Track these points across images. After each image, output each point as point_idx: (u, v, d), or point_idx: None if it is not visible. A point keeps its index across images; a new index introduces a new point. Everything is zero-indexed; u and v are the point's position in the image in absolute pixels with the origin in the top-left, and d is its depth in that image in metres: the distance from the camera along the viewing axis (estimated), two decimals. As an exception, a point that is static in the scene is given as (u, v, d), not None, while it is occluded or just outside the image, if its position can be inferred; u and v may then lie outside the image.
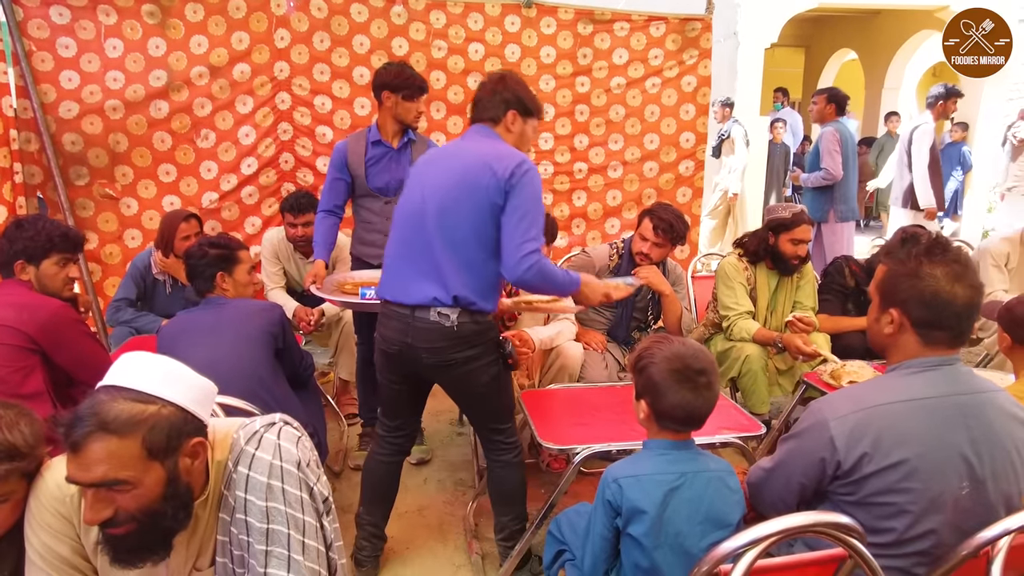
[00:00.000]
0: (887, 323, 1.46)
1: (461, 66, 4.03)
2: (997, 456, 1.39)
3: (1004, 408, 1.43)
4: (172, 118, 3.72)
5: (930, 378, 1.41)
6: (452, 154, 2.10)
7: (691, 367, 1.47)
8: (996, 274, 3.66)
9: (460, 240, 1.97)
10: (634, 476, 1.45)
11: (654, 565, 1.42)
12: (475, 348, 2.04)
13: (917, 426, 1.36)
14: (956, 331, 1.41)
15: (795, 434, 1.48)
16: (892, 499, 1.35)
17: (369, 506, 2.31)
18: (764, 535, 1.13)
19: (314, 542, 1.19)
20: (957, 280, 1.38)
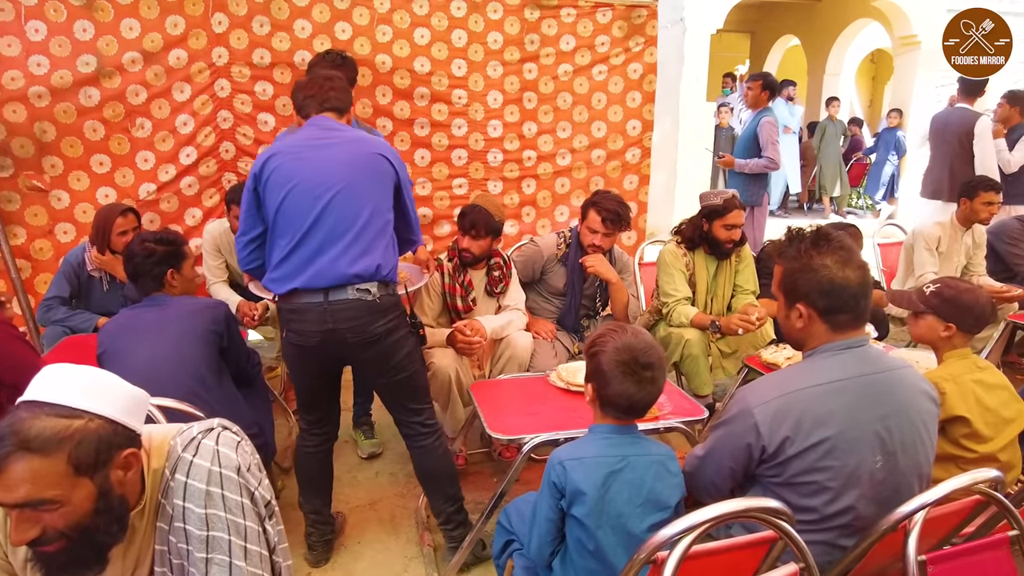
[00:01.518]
0: (796, 318, 1.55)
1: (407, 51, 3.97)
2: (906, 429, 1.49)
3: (911, 384, 1.55)
4: (104, 106, 3.56)
5: (842, 360, 1.50)
6: (333, 144, 2.14)
7: (638, 360, 1.51)
8: (928, 256, 3.82)
9: (371, 219, 2.07)
10: (578, 458, 1.49)
11: (597, 545, 1.46)
12: (393, 319, 2.12)
13: (833, 407, 1.45)
14: (856, 312, 1.51)
15: (723, 421, 1.55)
16: (814, 477, 1.43)
17: (307, 495, 2.36)
18: (699, 522, 1.16)
19: (257, 547, 1.18)
20: (846, 265, 1.49)
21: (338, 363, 2.20)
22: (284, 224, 2.06)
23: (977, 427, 1.93)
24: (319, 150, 2.09)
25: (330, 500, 2.39)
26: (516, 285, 3.03)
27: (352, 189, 2.05)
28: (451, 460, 2.35)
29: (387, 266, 2.10)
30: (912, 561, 1.34)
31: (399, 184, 2.19)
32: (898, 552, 1.38)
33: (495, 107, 4.14)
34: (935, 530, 1.53)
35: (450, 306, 2.86)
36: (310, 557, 2.36)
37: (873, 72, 13.63)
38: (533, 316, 3.13)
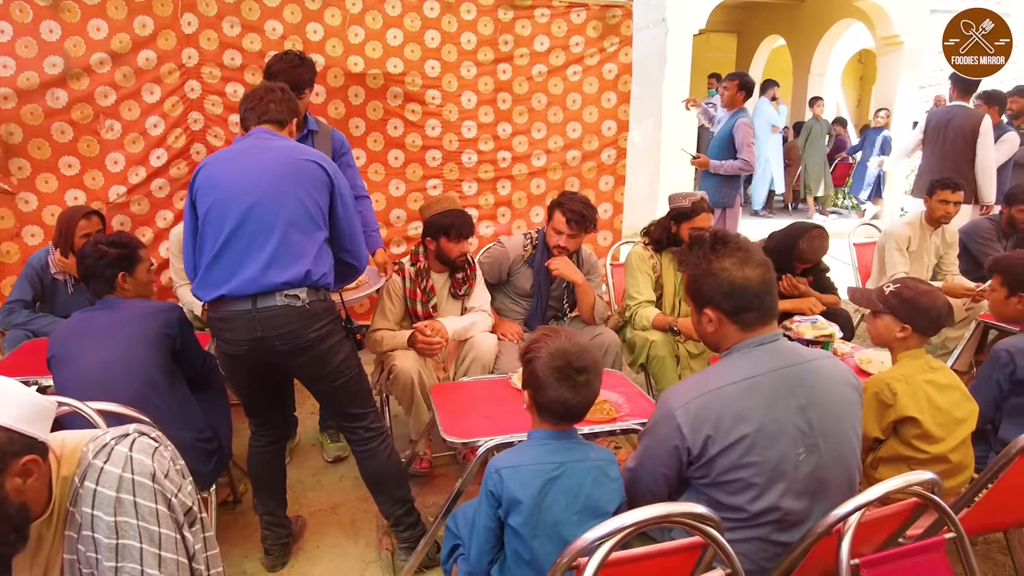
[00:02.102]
0: (707, 323, 1.59)
1: (380, 52, 3.95)
2: (827, 419, 1.50)
3: (830, 374, 1.56)
4: (72, 108, 3.54)
5: (755, 357, 1.53)
6: (261, 151, 2.12)
7: (572, 365, 1.50)
8: (899, 257, 3.83)
9: (298, 224, 2.04)
10: (514, 466, 1.47)
11: (533, 555, 1.45)
12: (326, 325, 2.09)
13: (750, 403, 1.47)
14: (762, 309, 1.54)
15: (648, 429, 1.55)
16: (738, 475, 1.44)
17: (260, 495, 2.35)
18: (619, 527, 1.15)
19: (172, 554, 1.16)
20: (744, 265, 1.53)
21: (272, 370, 2.16)
22: (208, 230, 2.04)
23: (928, 428, 1.93)
24: (246, 159, 2.09)
25: (284, 502, 2.38)
26: (481, 286, 3.02)
27: (277, 195, 2.02)
28: (398, 462, 2.34)
29: (318, 271, 2.06)
30: (844, 565, 1.33)
31: (334, 192, 2.15)
32: (833, 558, 1.38)
33: (469, 108, 4.13)
34: (873, 534, 1.52)
35: (411, 311, 2.85)
36: (266, 561, 2.34)
37: (860, 72, 13.66)
38: (500, 318, 3.12)
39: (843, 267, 4.61)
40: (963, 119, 4.82)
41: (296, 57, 2.82)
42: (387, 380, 2.70)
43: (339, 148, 3.01)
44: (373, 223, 3.14)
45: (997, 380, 2.20)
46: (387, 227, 4.16)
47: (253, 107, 2.21)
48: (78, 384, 2.02)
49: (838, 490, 1.51)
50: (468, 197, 4.21)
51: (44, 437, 1.12)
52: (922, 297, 2.08)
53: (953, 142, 4.84)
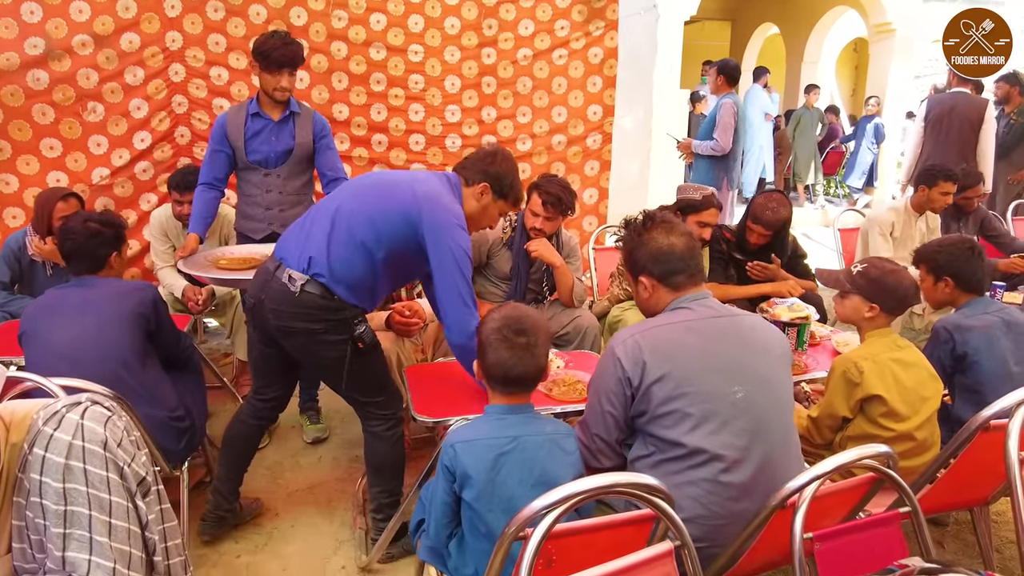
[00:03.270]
0: (643, 290, 1.75)
1: (363, 37, 3.94)
2: (760, 363, 1.62)
3: (760, 325, 1.72)
4: (53, 89, 3.53)
5: (690, 307, 1.68)
6: (401, 176, 2.20)
7: (511, 327, 1.54)
8: (882, 242, 3.83)
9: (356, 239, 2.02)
10: (468, 440, 1.48)
11: (489, 528, 1.45)
12: (318, 323, 2.04)
13: (686, 339, 1.60)
14: (689, 270, 1.70)
15: (594, 375, 1.67)
16: (674, 406, 1.52)
17: (221, 459, 2.34)
18: (564, 496, 1.16)
19: (123, 523, 1.16)
20: (670, 233, 1.72)
21: (269, 335, 2.14)
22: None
23: (894, 406, 1.94)
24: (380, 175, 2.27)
25: (239, 478, 2.35)
26: (463, 269, 3.02)
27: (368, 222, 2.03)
28: (402, 453, 2.29)
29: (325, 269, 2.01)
30: (798, 537, 1.34)
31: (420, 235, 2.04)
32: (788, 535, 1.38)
33: (453, 92, 4.12)
34: (831, 508, 1.54)
35: (393, 295, 2.85)
36: (201, 526, 2.32)
37: (856, 61, 13.62)
38: (480, 300, 3.11)
39: (831, 254, 4.62)
40: (967, 107, 4.78)
41: (285, 34, 2.83)
42: (364, 361, 2.70)
43: (320, 131, 3.00)
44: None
45: (939, 357, 2.24)
46: (371, 212, 4.16)
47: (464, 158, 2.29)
48: (48, 360, 2.03)
49: (778, 433, 1.59)
50: (452, 182, 4.20)
51: None
52: (888, 276, 2.10)
53: (959, 131, 4.80)
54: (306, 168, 2.99)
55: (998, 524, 2.51)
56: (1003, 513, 2.55)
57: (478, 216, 2.21)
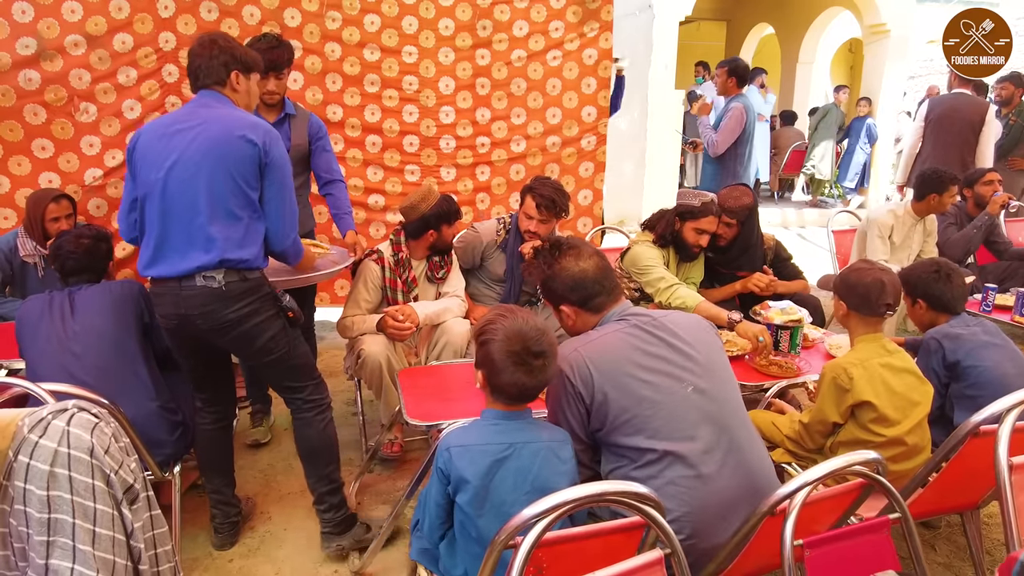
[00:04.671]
0: (567, 318, 1.79)
1: (357, 37, 3.93)
2: (699, 351, 1.65)
3: (685, 317, 1.76)
4: (45, 89, 3.51)
5: (615, 320, 1.72)
6: (190, 124, 2.06)
7: (530, 349, 1.50)
8: (880, 244, 3.85)
9: (220, 206, 2.00)
10: (463, 445, 1.48)
11: (480, 533, 1.46)
12: (248, 305, 2.06)
13: (624, 347, 1.63)
14: (606, 291, 1.74)
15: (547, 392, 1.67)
16: (631, 413, 1.54)
17: (207, 474, 2.37)
18: (554, 505, 1.16)
19: (108, 531, 1.16)
20: (579, 259, 1.75)
21: (204, 345, 2.16)
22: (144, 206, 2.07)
23: (884, 411, 1.95)
24: (177, 134, 2.03)
25: (232, 481, 2.39)
26: (457, 272, 3.02)
27: (199, 176, 1.98)
28: (332, 438, 2.33)
29: (237, 256, 2.01)
30: (788, 545, 1.34)
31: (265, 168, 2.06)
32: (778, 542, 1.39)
33: (447, 93, 4.11)
34: (821, 515, 1.54)
35: (390, 300, 2.84)
36: (216, 540, 2.36)
37: (851, 61, 13.64)
38: (474, 303, 3.12)
39: (823, 254, 4.63)
40: (969, 109, 4.75)
41: (274, 39, 2.82)
42: (356, 364, 2.70)
43: (316, 132, 3.00)
44: (346, 207, 3.11)
45: (932, 368, 2.24)
46: (365, 211, 4.15)
47: (190, 74, 2.14)
48: (48, 357, 2.09)
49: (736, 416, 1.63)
50: (446, 183, 4.20)
51: None
52: (852, 274, 2.13)
53: (960, 132, 4.77)
54: (302, 170, 2.99)
55: (988, 526, 2.52)
56: (994, 515, 2.56)
57: (247, 102, 2.20)
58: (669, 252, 3.11)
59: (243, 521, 2.44)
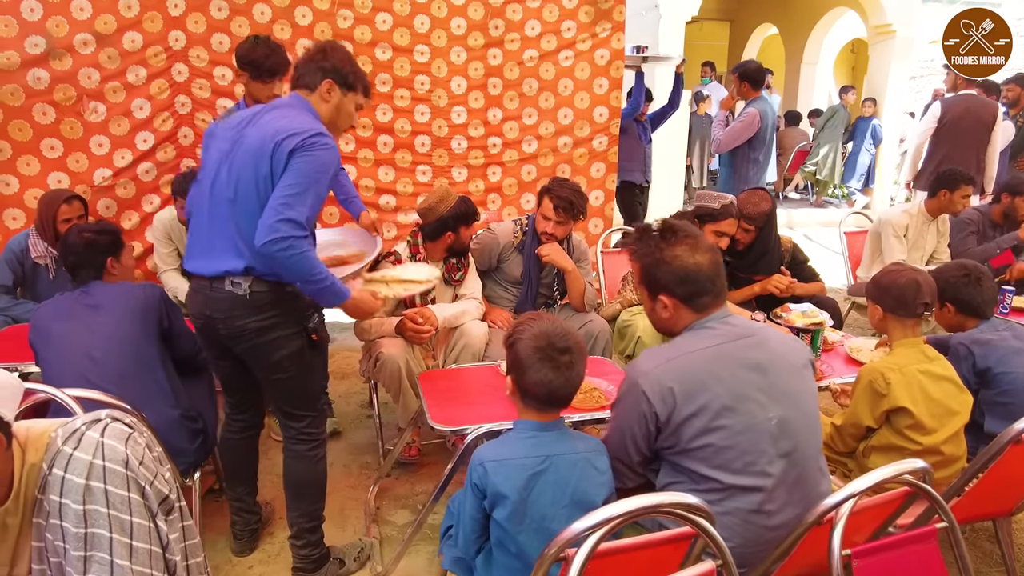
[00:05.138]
0: (662, 309, 1.62)
1: (368, 36, 3.90)
2: (788, 380, 1.55)
3: (782, 339, 1.64)
4: (54, 88, 3.47)
5: (713, 329, 1.58)
6: (248, 122, 1.99)
7: (555, 345, 1.48)
8: (896, 244, 3.83)
9: (249, 210, 1.90)
10: (499, 460, 1.44)
11: (519, 548, 1.42)
12: (271, 318, 1.97)
13: (714, 368, 1.50)
14: (714, 291, 1.59)
15: (617, 400, 1.59)
16: (708, 440, 1.45)
17: (230, 481, 2.32)
18: (608, 518, 1.13)
19: (145, 544, 1.13)
20: (695, 251, 1.58)
21: (226, 349, 2.08)
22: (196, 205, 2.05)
23: (921, 418, 1.92)
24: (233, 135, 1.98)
25: (255, 489, 2.35)
26: (473, 274, 2.99)
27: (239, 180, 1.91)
28: (323, 476, 2.20)
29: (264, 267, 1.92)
30: (836, 555, 1.32)
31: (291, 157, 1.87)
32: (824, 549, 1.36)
33: (459, 93, 4.08)
34: (864, 523, 1.51)
35: (407, 302, 2.81)
36: (235, 546, 2.32)
37: (853, 62, 13.64)
38: (490, 305, 3.09)
39: (833, 256, 4.61)
40: (982, 109, 4.76)
41: (267, 40, 2.84)
42: (374, 367, 2.67)
43: None
44: (352, 191, 3.00)
45: (963, 375, 2.17)
46: (377, 211, 4.12)
47: (294, 71, 2.08)
48: (65, 362, 2.04)
49: (811, 448, 1.55)
50: (458, 183, 4.17)
51: (8, 417, 1.07)
52: (884, 276, 2.10)
53: (975, 133, 4.77)
54: None
55: (1015, 531, 2.50)
56: (1020, 520, 2.54)
57: (335, 116, 2.07)
58: None
59: (262, 527, 2.41)
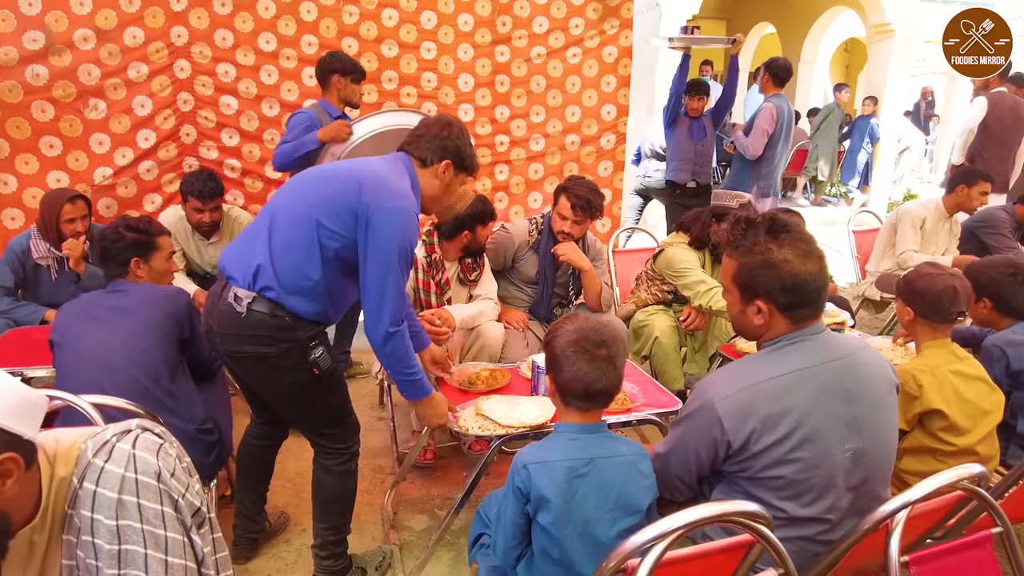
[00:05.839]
0: (755, 314, 1.46)
1: (374, 33, 3.84)
2: (873, 411, 1.44)
3: (873, 367, 1.49)
4: (53, 85, 3.39)
5: (804, 349, 1.44)
6: (341, 164, 1.99)
7: (589, 339, 1.44)
8: (912, 235, 3.82)
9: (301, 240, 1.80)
10: (542, 462, 1.39)
11: (564, 554, 1.38)
12: (269, 346, 1.81)
13: (798, 397, 1.38)
14: (817, 304, 1.44)
15: (684, 417, 1.48)
16: (781, 472, 1.37)
17: (240, 483, 2.25)
18: (672, 528, 1.08)
19: (180, 559, 1.07)
20: (807, 258, 1.41)
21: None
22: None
23: (955, 420, 1.88)
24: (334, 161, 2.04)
25: (263, 498, 2.27)
26: (489, 274, 2.94)
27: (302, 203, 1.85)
28: (353, 492, 2.11)
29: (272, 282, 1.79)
30: (895, 562, 1.28)
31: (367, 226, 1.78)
32: (877, 551, 1.32)
33: (466, 91, 4.03)
34: (915, 527, 1.47)
35: (423, 302, 2.75)
36: (232, 550, 2.23)
37: (847, 61, 13.70)
38: (505, 305, 3.03)
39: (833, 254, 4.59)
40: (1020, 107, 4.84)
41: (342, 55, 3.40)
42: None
43: None
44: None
45: (995, 377, 2.12)
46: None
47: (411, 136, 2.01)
48: (78, 368, 1.96)
49: (881, 480, 1.46)
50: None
51: (31, 435, 1.01)
52: (920, 280, 2.04)
53: (1015, 130, 4.85)
54: None
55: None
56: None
57: (441, 195, 2.02)
58: (704, 254, 3.04)
59: (265, 537, 2.33)
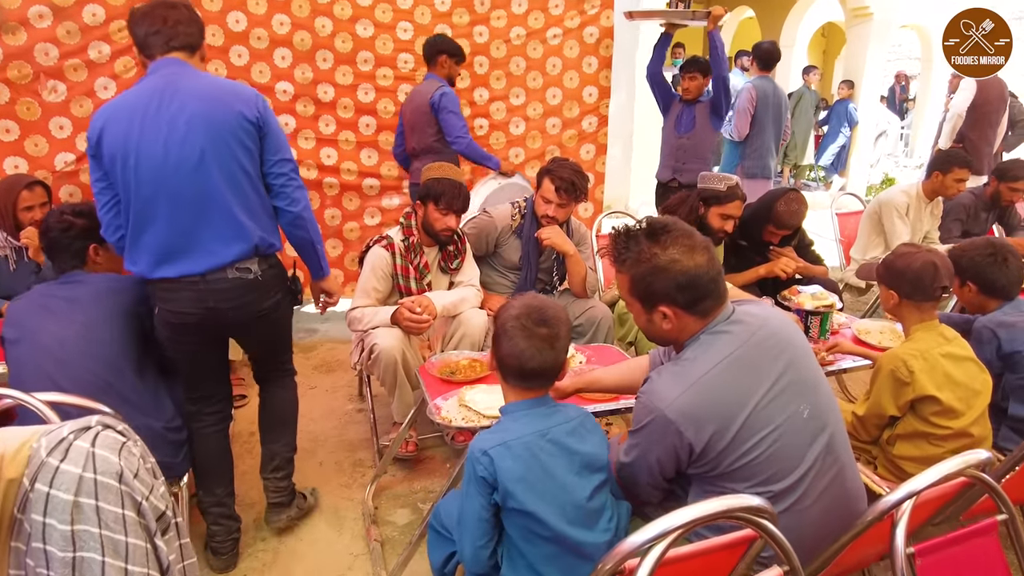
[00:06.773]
0: (662, 320, 1.44)
1: (349, 12, 3.70)
2: (805, 363, 1.43)
3: (785, 320, 1.50)
4: (7, 66, 3.21)
5: (724, 335, 1.41)
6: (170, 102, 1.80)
7: (531, 316, 1.40)
8: (901, 225, 3.79)
9: (238, 191, 1.87)
10: (502, 444, 1.34)
11: (553, 531, 1.33)
12: (278, 292, 2.06)
13: (740, 380, 1.36)
14: (716, 293, 1.42)
15: (639, 430, 1.42)
16: (749, 457, 1.34)
17: (205, 483, 2.11)
18: (671, 527, 1.01)
19: (142, 568, 0.98)
20: (693, 252, 1.39)
21: (220, 337, 2.08)
22: (136, 202, 1.82)
23: (950, 403, 1.84)
24: (161, 109, 1.78)
25: (233, 491, 2.17)
26: (471, 260, 2.85)
27: (211, 159, 1.80)
28: (297, 404, 2.34)
29: (266, 240, 1.95)
30: (900, 554, 1.22)
31: (264, 132, 1.91)
32: (879, 542, 1.27)
33: (444, 72, 3.91)
34: (917, 516, 1.42)
35: (402, 288, 2.65)
36: (216, 562, 2.09)
37: (824, 46, 13.72)
38: (487, 292, 2.95)
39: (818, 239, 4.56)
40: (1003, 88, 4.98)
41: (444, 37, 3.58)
42: (368, 360, 2.52)
43: None
44: None
45: (986, 359, 2.09)
46: (359, 196, 3.96)
47: (158, 30, 1.86)
48: (34, 366, 1.84)
49: (840, 432, 1.44)
50: (445, 167, 4.01)
51: None
52: (898, 260, 2.01)
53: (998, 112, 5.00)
54: None
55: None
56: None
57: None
58: None
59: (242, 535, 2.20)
